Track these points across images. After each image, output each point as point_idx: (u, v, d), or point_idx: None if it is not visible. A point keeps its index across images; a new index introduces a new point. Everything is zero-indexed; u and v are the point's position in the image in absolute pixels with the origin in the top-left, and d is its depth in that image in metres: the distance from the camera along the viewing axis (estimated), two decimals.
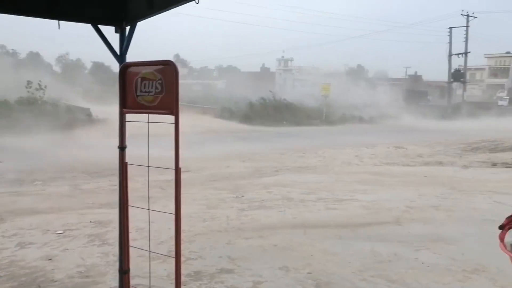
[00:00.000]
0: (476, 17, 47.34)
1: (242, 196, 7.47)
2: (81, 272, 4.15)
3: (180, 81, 2.36)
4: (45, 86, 20.38)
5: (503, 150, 15.35)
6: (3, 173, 9.07)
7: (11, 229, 5.47)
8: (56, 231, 5.40)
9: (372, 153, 13.80)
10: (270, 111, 28.10)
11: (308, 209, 6.60)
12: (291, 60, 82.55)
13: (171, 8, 2.91)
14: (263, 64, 66.67)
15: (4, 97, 19.56)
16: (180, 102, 2.39)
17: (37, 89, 19.87)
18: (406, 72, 79.07)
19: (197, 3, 2.61)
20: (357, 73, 77.55)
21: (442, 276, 4.04)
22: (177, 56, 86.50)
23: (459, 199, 7.32)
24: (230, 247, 4.87)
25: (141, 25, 3.27)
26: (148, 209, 2.73)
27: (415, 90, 53.77)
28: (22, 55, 59.93)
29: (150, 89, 2.44)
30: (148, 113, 2.48)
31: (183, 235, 5.08)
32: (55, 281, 3.93)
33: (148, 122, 2.56)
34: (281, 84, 59.78)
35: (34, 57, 60.34)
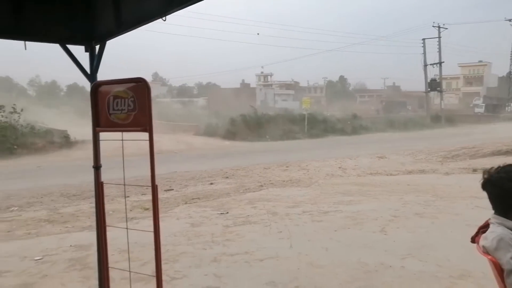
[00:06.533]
0: (447, 28, 49.06)
1: (227, 213, 7.39)
2: None
3: (160, 100, 2.35)
4: (21, 110, 19.96)
5: (483, 155, 15.69)
6: None
7: None
8: (34, 257, 5.20)
9: (355, 164, 13.92)
10: (252, 126, 28.15)
11: (294, 223, 6.57)
12: (271, 75, 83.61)
13: (140, 26, 2.90)
14: (243, 80, 67.18)
15: None
16: (160, 121, 2.38)
17: (11, 113, 19.42)
18: (384, 83, 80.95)
19: (164, 20, 2.61)
20: (337, 85, 78.99)
21: (429, 283, 4.04)
22: (155, 74, 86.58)
23: (442, 206, 7.41)
24: (216, 265, 4.78)
25: (118, 44, 3.26)
26: (127, 228, 2.65)
27: (394, 100, 54.96)
28: None
29: (123, 107, 2.40)
30: (122, 131, 2.43)
31: (167, 255, 4.99)
32: None
33: (122, 140, 2.51)
34: (262, 99, 60.19)
35: (5, 82, 59.58)
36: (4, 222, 7.02)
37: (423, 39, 48.90)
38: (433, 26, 49.06)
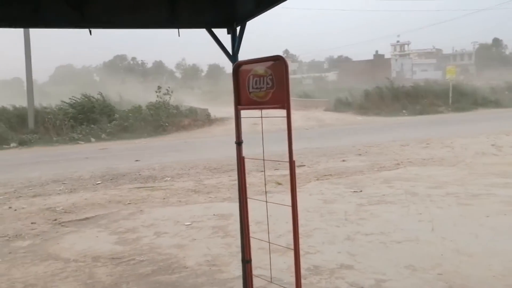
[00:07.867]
0: None
1: (360, 191, 7.17)
2: (208, 261, 4.45)
3: (291, 76, 2.32)
4: (172, 91, 22.59)
5: None
6: (140, 170, 10.29)
7: (149, 219, 6.16)
8: (185, 222, 5.90)
9: None
10: (387, 100, 26.40)
11: (436, 205, 6.01)
12: (408, 43, 76.89)
13: (278, 4, 2.89)
14: (377, 51, 63.21)
15: (138, 103, 22.38)
16: (291, 97, 2.36)
17: (164, 94, 22.16)
18: None
19: None
20: (491, 50, 68.48)
21: None
22: (286, 51, 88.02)
23: None
24: (350, 243, 4.70)
25: (249, 25, 3.32)
26: (266, 201, 2.78)
27: None
28: (149, 64, 68.97)
29: (262, 85, 2.47)
30: (261, 108, 2.51)
31: (301, 229, 5.09)
32: (187, 268, 4.28)
33: (261, 117, 2.60)
34: (398, 71, 56.00)
35: (158, 66, 68.61)
36: (160, 190, 8.12)
37: None
38: None
